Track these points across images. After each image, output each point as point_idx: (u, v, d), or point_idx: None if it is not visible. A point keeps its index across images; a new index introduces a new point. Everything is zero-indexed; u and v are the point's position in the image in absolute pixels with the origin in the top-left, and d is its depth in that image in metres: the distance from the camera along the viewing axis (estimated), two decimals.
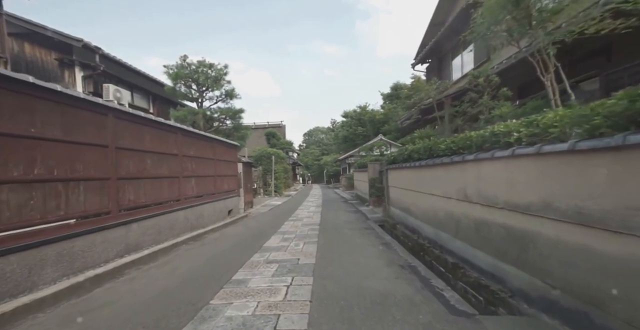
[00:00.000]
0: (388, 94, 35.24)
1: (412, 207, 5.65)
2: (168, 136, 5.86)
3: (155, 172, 5.35)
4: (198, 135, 7.15)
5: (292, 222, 7.67)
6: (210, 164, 7.96)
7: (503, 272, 2.63)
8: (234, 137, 12.97)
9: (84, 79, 9.95)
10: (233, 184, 9.66)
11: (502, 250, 2.66)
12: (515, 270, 2.45)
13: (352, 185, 20.07)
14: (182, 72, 11.00)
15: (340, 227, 6.64)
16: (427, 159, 4.63)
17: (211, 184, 7.91)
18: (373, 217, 8.12)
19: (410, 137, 6.61)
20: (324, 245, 4.78)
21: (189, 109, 11.03)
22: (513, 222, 2.49)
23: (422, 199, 5.02)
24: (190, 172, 6.74)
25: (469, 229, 3.30)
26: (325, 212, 9.72)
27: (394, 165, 6.86)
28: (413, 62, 12.76)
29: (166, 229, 5.52)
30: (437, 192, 4.29)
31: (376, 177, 10.73)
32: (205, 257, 4.28)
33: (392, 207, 7.34)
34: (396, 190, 6.95)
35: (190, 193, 6.73)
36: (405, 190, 6.07)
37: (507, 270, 2.57)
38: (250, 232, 6.51)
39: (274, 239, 5.54)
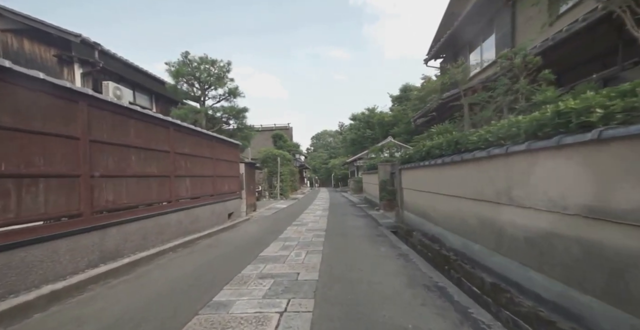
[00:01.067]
0: (397, 95, 34.50)
1: (431, 212, 4.89)
2: (158, 131, 5.28)
3: (142, 170, 4.75)
4: (194, 132, 6.57)
5: (295, 227, 6.98)
6: (209, 164, 7.37)
7: (579, 304, 1.87)
8: (237, 137, 12.43)
9: (82, 75, 9.55)
10: (234, 185, 9.06)
11: (576, 275, 1.90)
12: (604, 306, 1.69)
13: (360, 189, 19.28)
14: (184, 69, 10.54)
15: (348, 234, 5.91)
16: (452, 155, 3.88)
17: (209, 185, 7.30)
18: (384, 223, 7.35)
19: (427, 133, 5.86)
20: (329, 256, 4.07)
21: (190, 107, 10.55)
22: (599, 237, 1.74)
23: (444, 202, 4.26)
24: (185, 171, 6.15)
25: (516, 242, 2.54)
26: (332, 217, 8.99)
27: (409, 165, 6.11)
28: (426, 58, 12.00)
29: (154, 234, 4.90)
30: (466, 194, 3.54)
31: (387, 179, 9.96)
32: (189, 268, 3.62)
33: (407, 211, 6.57)
34: (411, 193, 6.18)
35: (185, 194, 6.12)
36: (423, 193, 5.31)
37: (586, 303, 1.82)
38: (248, 237, 5.84)
39: (273, 246, 4.85)
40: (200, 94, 11.58)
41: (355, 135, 36.47)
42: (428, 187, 4.99)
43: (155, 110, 12.42)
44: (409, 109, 30.16)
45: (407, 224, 6.48)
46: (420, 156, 5.33)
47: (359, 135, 35.40)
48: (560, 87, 4.09)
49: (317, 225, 7.30)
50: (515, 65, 3.82)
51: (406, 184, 6.62)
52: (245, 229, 7.12)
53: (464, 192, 3.60)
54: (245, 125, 12.63)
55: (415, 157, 5.66)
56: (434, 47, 11.37)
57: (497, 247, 2.88)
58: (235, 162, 9.28)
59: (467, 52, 9.99)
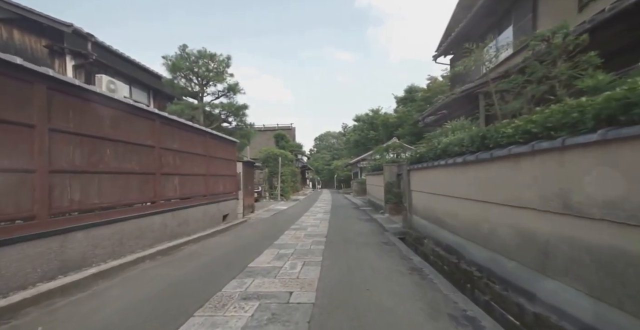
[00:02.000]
0: (402, 97, 33.88)
1: (447, 218, 4.25)
2: (141, 123, 4.71)
3: (119, 166, 4.18)
4: (184, 126, 6.00)
5: (293, 232, 6.36)
6: (201, 161, 6.79)
7: None
8: (236, 135, 11.87)
9: (75, 68, 9.05)
10: (230, 185, 8.47)
11: None
12: None
13: (364, 191, 18.63)
14: (181, 63, 10.01)
15: (351, 241, 5.28)
16: (477, 152, 3.26)
17: (201, 184, 6.72)
18: (391, 228, 6.72)
19: (441, 130, 5.23)
20: (329, 269, 3.45)
21: (187, 102, 10.02)
22: None
23: (465, 207, 3.63)
24: (173, 168, 5.57)
25: (576, 264, 1.92)
26: (333, 220, 8.37)
27: (419, 165, 5.49)
28: (435, 54, 11.38)
29: (132, 239, 4.32)
30: (496, 199, 2.91)
31: (393, 181, 9.32)
32: (160, 284, 3.00)
33: (416, 216, 5.93)
34: (422, 196, 5.55)
35: (172, 194, 5.54)
36: (437, 196, 4.68)
37: None
38: (240, 243, 5.24)
39: (266, 255, 4.24)
40: (198, 89, 11.05)
41: (358, 136, 35.86)
42: (443, 189, 4.36)
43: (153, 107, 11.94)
44: (413, 110, 29.58)
45: (416, 230, 5.84)
46: (434, 155, 4.70)
47: (363, 137, 34.78)
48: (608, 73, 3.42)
49: (317, 229, 6.68)
50: (554, 46, 3.19)
51: (416, 186, 5.99)
52: (239, 232, 6.52)
53: (493, 197, 2.97)
54: (245, 123, 12.07)
55: (427, 156, 5.04)
56: (444, 42, 10.74)
57: (542, 267, 2.24)
58: (232, 161, 8.71)
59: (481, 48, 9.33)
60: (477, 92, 6.58)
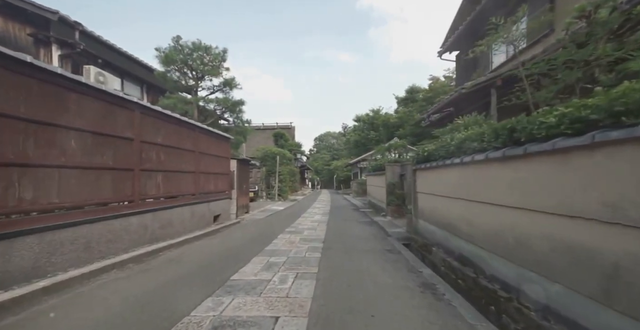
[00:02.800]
0: (403, 97, 33.41)
1: (461, 225, 3.70)
2: (117, 113, 4.16)
3: (88, 160, 3.63)
4: (170, 119, 5.45)
5: (288, 236, 5.81)
6: (190, 158, 6.24)
7: None
8: (232, 131, 11.32)
9: (61, 58, 8.50)
10: (223, 184, 7.92)
11: None
12: None
13: (364, 191, 18.08)
14: (175, 56, 9.46)
15: (351, 248, 4.72)
16: (504, 148, 2.71)
17: (190, 183, 6.17)
18: (394, 233, 6.17)
19: (451, 125, 4.68)
20: (326, 285, 2.90)
21: (180, 96, 9.47)
22: None
23: (485, 213, 3.07)
24: (156, 164, 5.02)
25: None
26: (332, 223, 7.81)
27: (427, 165, 4.94)
28: (440, 50, 10.84)
29: (103, 243, 3.76)
30: (530, 204, 2.36)
31: (395, 182, 8.78)
32: (113, 305, 2.39)
33: (423, 220, 5.38)
34: (429, 199, 5.00)
35: (155, 192, 4.99)
36: (448, 199, 4.12)
37: None
38: (227, 248, 4.68)
39: (253, 264, 3.68)
40: (193, 84, 10.50)
41: (358, 137, 35.32)
42: (457, 192, 3.81)
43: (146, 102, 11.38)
44: (415, 111, 29.08)
45: (422, 236, 5.29)
46: (445, 152, 4.15)
47: (363, 137, 34.24)
48: None
49: (314, 233, 6.13)
50: (596, 22, 2.65)
51: (422, 188, 5.43)
52: (229, 235, 5.96)
53: (525, 201, 2.42)
54: (242, 120, 11.52)
55: (437, 154, 4.48)
56: (450, 38, 10.20)
57: (605, 297, 1.69)
58: (226, 158, 8.15)
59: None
60: (489, 86, 6.05)
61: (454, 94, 6.46)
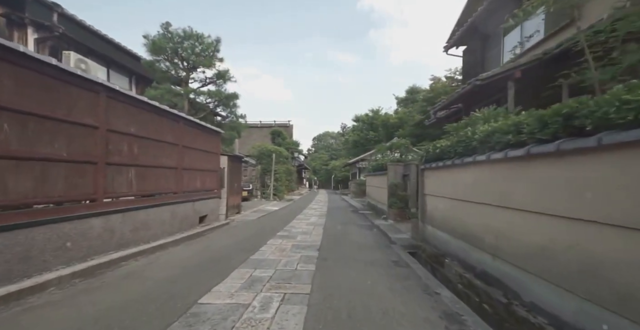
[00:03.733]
0: (403, 97, 32.82)
1: (486, 236, 3.04)
2: (74, 94, 3.45)
3: (29, 150, 2.92)
4: (147, 106, 4.75)
5: (279, 241, 5.12)
6: (172, 152, 5.54)
7: None
8: (225, 127, 10.62)
9: (37, 42, 7.75)
10: (211, 181, 7.22)
11: None
12: None
13: (362, 192, 17.43)
14: (163, 43, 8.74)
15: (351, 258, 4.05)
16: (556, 141, 2.05)
17: (171, 180, 5.47)
18: (398, 239, 5.50)
19: (468, 119, 4.01)
20: (321, 313, 2.22)
21: (168, 87, 8.74)
22: None
23: (524, 223, 2.42)
24: (127, 158, 4.32)
25: None
26: (329, 226, 7.13)
27: (439, 164, 4.28)
28: (446, 45, 10.19)
29: (48, 252, 3.07)
30: (610, 218, 1.70)
31: (398, 183, 8.12)
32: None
33: (431, 226, 4.72)
34: (441, 202, 4.34)
35: (125, 190, 4.29)
36: (467, 204, 3.46)
37: None
38: (206, 257, 3.99)
39: (232, 279, 3.00)
40: (184, 75, 9.78)
41: (357, 137, 34.67)
42: (480, 195, 3.15)
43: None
44: (415, 111, 28.49)
45: (431, 245, 4.62)
46: (464, 148, 3.49)
47: (362, 137, 33.60)
48: None
49: (308, 238, 5.44)
50: None
51: (432, 189, 4.77)
52: (213, 239, 5.26)
53: (597, 212, 1.76)
54: (236, 115, 10.81)
55: (453, 150, 3.82)
56: (457, 32, 9.55)
57: None
58: (215, 154, 7.45)
59: (500, 35, 8.16)
60: (507, 78, 5.40)
61: (466, 87, 5.80)
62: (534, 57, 5.11)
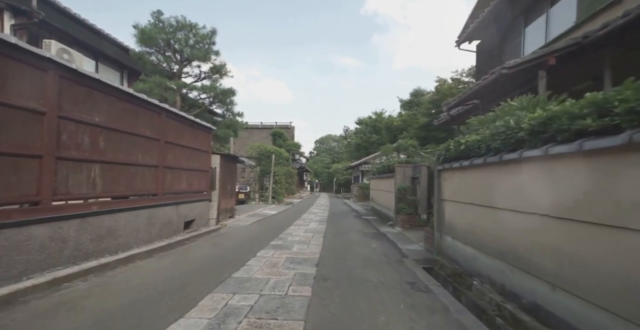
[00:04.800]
0: (407, 100, 32.19)
1: (541, 259, 2.26)
2: (13, 70, 2.73)
3: None
4: (117, 92, 4.03)
5: (272, 253, 4.35)
6: (152, 148, 4.81)
7: None
8: (222, 125, 9.93)
9: (14, 28, 7.08)
10: (200, 182, 6.48)
11: None
12: None
13: (366, 196, 16.63)
14: (154, 32, 8.08)
15: (357, 278, 3.26)
16: None
17: (149, 179, 4.73)
18: (409, 251, 4.71)
19: (497, 111, 3.23)
20: None
21: (158, 80, 8.05)
22: None
23: (626, 250, 1.62)
24: (90, 152, 3.60)
25: None
26: (331, 234, 6.36)
27: (463, 164, 3.51)
28: (457, 40, 9.47)
29: None
30: None
31: (407, 187, 7.33)
32: None
33: (451, 238, 3.93)
34: (465, 210, 3.56)
35: (85, 191, 3.55)
36: (508, 214, 2.68)
37: None
38: (174, 275, 3.22)
39: (198, 312, 2.23)
40: (177, 69, 9.10)
41: (360, 139, 34.00)
42: (527, 203, 2.36)
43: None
44: (419, 114, 27.77)
45: (452, 260, 3.83)
46: (502, 143, 2.71)
47: (365, 140, 32.92)
48: None
49: (306, 250, 4.67)
50: None
51: (452, 194, 3.98)
52: (193, 250, 4.48)
53: None
54: (232, 112, 10.11)
55: (485, 147, 3.05)
56: (470, 25, 8.82)
57: None
58: (205, 152, 6.72)
59: (521, 26, 7.42)
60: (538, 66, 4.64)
61: (488, 78, 5.04)
62: (571, 42, 4.35)
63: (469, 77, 22.12)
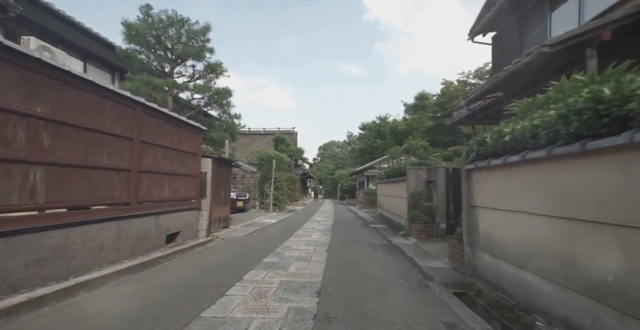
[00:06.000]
0: (412, 104, 31.39)
1: None
2: None
3: None
4: (68, 77, 3.25)
5: (263, 275, 3.47)
6: (122, 148, 4.02)
7: None
8: (216, 127, 9.19)
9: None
10: (188, 189, 5.67)
11: None
12: None
13: (372, 203, 15.67)
14: (143, 30, 7.44)
15: (374, 315, 2.36)
16: None
17: (119, 186, 3.93)
18: (432, 269, 3.79)
19: (543, 96, 2.33)
20: None
21: (146, 78, 7.36)
22: None
23: None
24: (29, 152, 2.81)
25: None
26: (335, 247, 5.46)
27: (508, 160, 2.63)
28: (470, 32, 8.67)
29: None
30: None
31: (421, 191, 6.42)
32: None
33: (490, 256, 3.01)
34: (515, 220, 2.65)
35: (18, 201, 2.74)
36: (609, 229, 1.76)
37: None
38: (125, 314, 2.34)
39: None
40: (170, 68, 8.43)
41: (364, 145, 33.12)
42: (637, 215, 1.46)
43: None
44: (425, 118, 26.91)
45: (492, 284, 2.89)
46: (586, 125, 1.83)
47: (369, 146, 32.03)
48: None
49: (305, 270, 3.78)
50: None
51: (491, 200, 3.08)
52: (163, 274, 3.58)
53: None
54: (229, 114, 9.38)
55: (544, 136, 2.17)
56: (485, 15, 8.03)
57: None
58: (193, 155, 5.93)
59: (546, 11, 6.58)
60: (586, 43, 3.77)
61: (522, 60, 4.18)
62: (633, 10, 3.50)
63: (475, 78, 21.24)
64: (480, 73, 20.52)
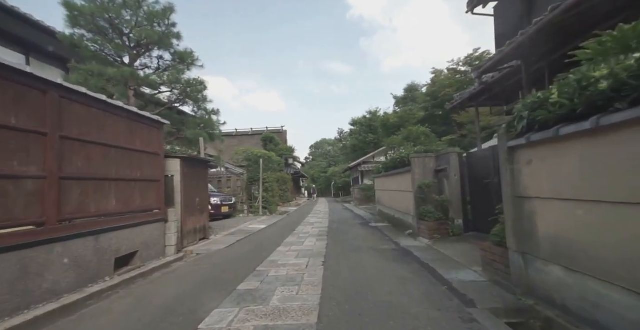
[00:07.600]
0: (402, 96, 30.63)
1: None
2: None
3: None
4: None
5: (230, 318, 2.34)
6: (30, 146, 2.82)
7: None
8: (190, 124, 7.99)
9: None
10: (147, 197, 4.49)
11: None
12: None
13: (369, 199, 14.69)
14: (90, 10, 6.16)
15: None
16: None
17: (22, 200, 2.72)
18: (465, 286, 2.74)
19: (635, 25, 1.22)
20: None
21: (94, 67, 6.09)
22: None
23: None
24: None
25: None
26: (334, 257, 4.38)
27: (603, 123, 1.56)
28: (469, 3, 7.69)
29: None
30: None
31: (430, 183, 5.38)
32: None
33: (564, 269, 1.95)
34: (619, 220, 1.59)
35: None
36: None
37: None
38: None
39: None
40: (130, 58, 7.16)
41: (356, 140, 32.13)
42: None
43: None
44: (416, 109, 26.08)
45: (568, 310, 1.83)
46: None
47: (361, 141, 31.07)
48: None
49: (294, 300, 2.69)
50: None
51: (560, 188, 2.01)
52: (83, 326, 2.43)
53: None
54: (205, 109, 8.16)
55: None
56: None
57: None
58: (153, 155, 4.74)
59: None
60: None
61: (560, 6, 3.16)
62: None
63: (465, 66, 20.43)
64: (470, 59, 19.73)
